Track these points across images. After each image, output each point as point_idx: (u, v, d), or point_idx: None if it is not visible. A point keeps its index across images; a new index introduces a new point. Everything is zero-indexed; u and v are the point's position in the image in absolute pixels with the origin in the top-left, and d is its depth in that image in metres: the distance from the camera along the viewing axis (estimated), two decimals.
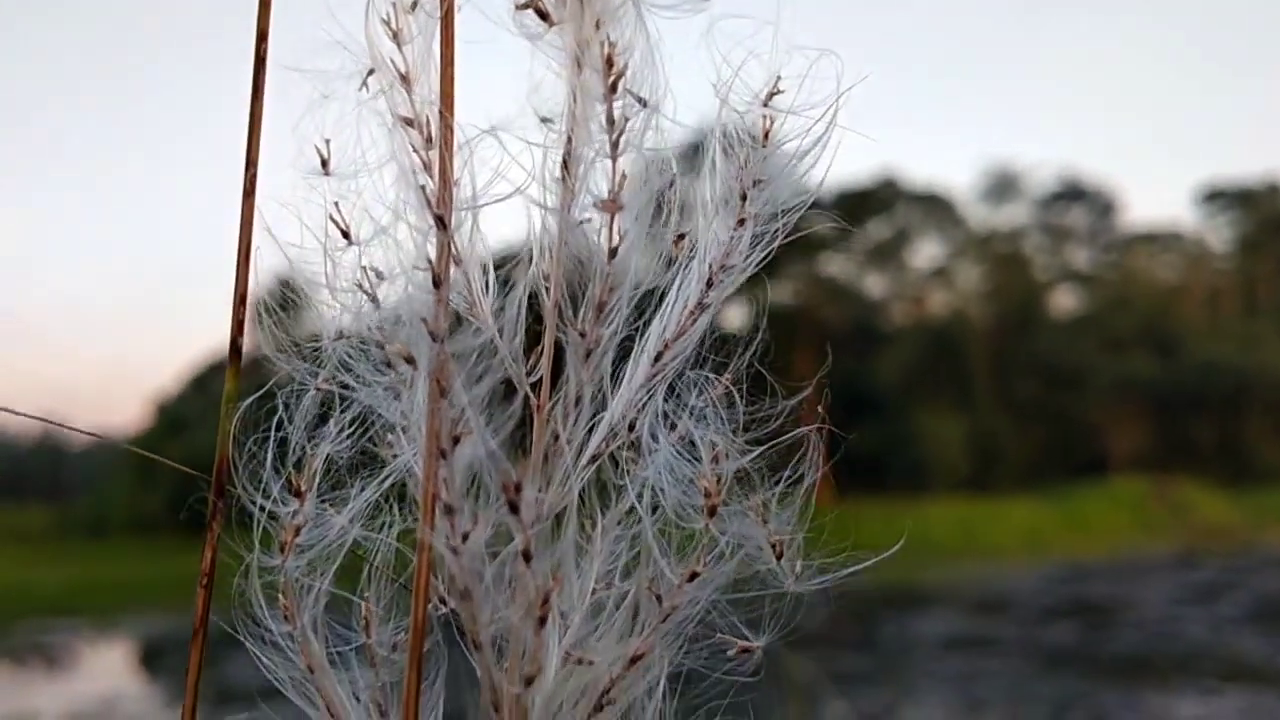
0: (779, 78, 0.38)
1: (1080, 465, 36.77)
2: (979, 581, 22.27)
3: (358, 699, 0.29)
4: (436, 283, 0.25)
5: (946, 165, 74.67)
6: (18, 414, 0.36)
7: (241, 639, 0.31)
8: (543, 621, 0.26)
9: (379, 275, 0.30)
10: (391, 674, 0.31)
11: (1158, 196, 66.80)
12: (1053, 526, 30.19)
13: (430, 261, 0.25)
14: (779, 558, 0.37)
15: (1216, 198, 43.75)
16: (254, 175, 0.29)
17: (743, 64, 0.35)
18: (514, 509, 0.26)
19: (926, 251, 43.74)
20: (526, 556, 0.26)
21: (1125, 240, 43.40)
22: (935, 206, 42.93)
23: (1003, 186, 42.67)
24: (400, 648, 0.31)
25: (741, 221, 0.33)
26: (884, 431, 39.20)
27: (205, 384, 32.61)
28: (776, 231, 0.35)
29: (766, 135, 0.36)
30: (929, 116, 63.24)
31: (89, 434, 0.32)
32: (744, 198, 0.34)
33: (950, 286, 43.54)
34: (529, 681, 0.26)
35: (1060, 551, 26.55)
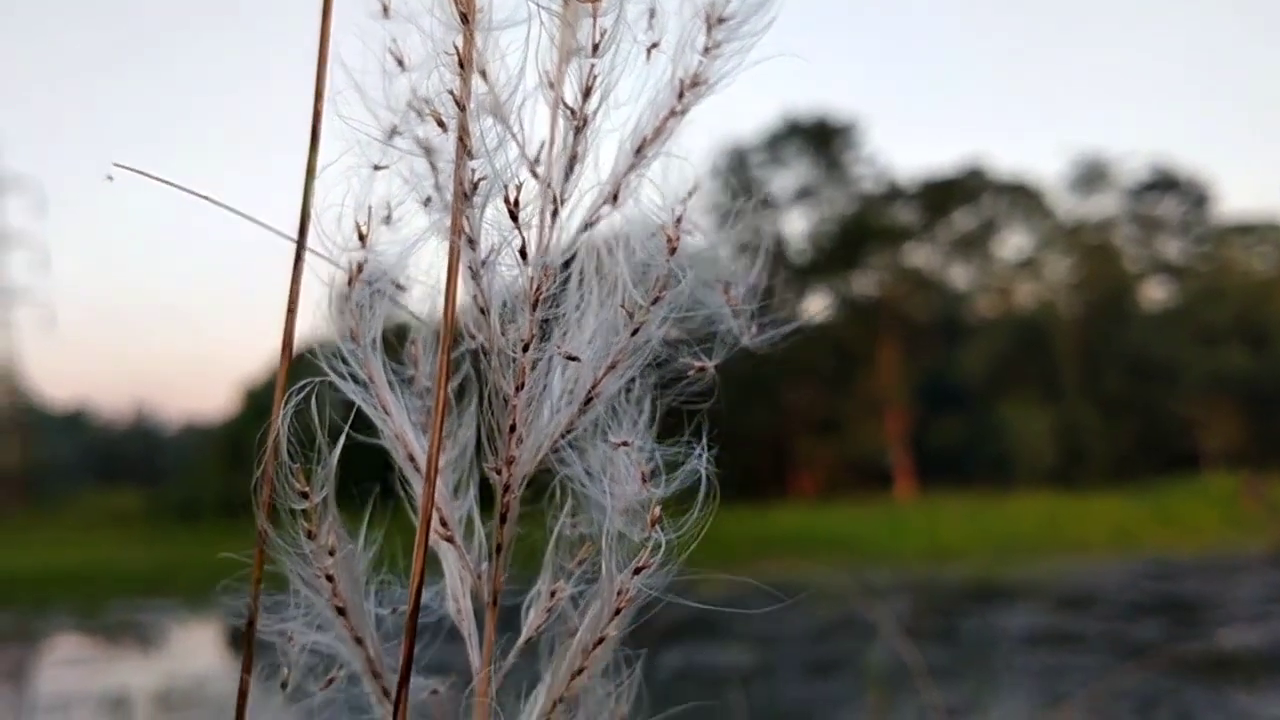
0: None
1: (1170, 460, 35.98)
2: (1064, 577, 21.95)
3: (410, 419, 0.35)
4: (461, 64, 0.30)
5: (1034, 155, 73.38)
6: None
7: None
8: (545, 327, 0.32)
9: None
10: (432, 399, 0.37)
11: (1253, 187, 64.98)
12: (1141, 522, 29.58)
13: (456, 48, 0.30)
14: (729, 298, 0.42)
15: None
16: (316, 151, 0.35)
17: None
18: (524, 254, 0.32)
19: (1013, 242, 43.05)
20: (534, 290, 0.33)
21: (1219, 231, 42.27)
22: (1023, 196, 42.24)
23: (1092, 176, 41.81)
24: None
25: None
26: (969, 425, 38.75)
27: (293, 370, 33.20)
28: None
29: None
30: (1017, 105, 62.23)
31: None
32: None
33: (1038, 278, 42.81)
34: (520, 386, 0.31)
35: (1149, 548, 26.03)
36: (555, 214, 0.36)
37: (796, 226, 45.87)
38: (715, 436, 0.40)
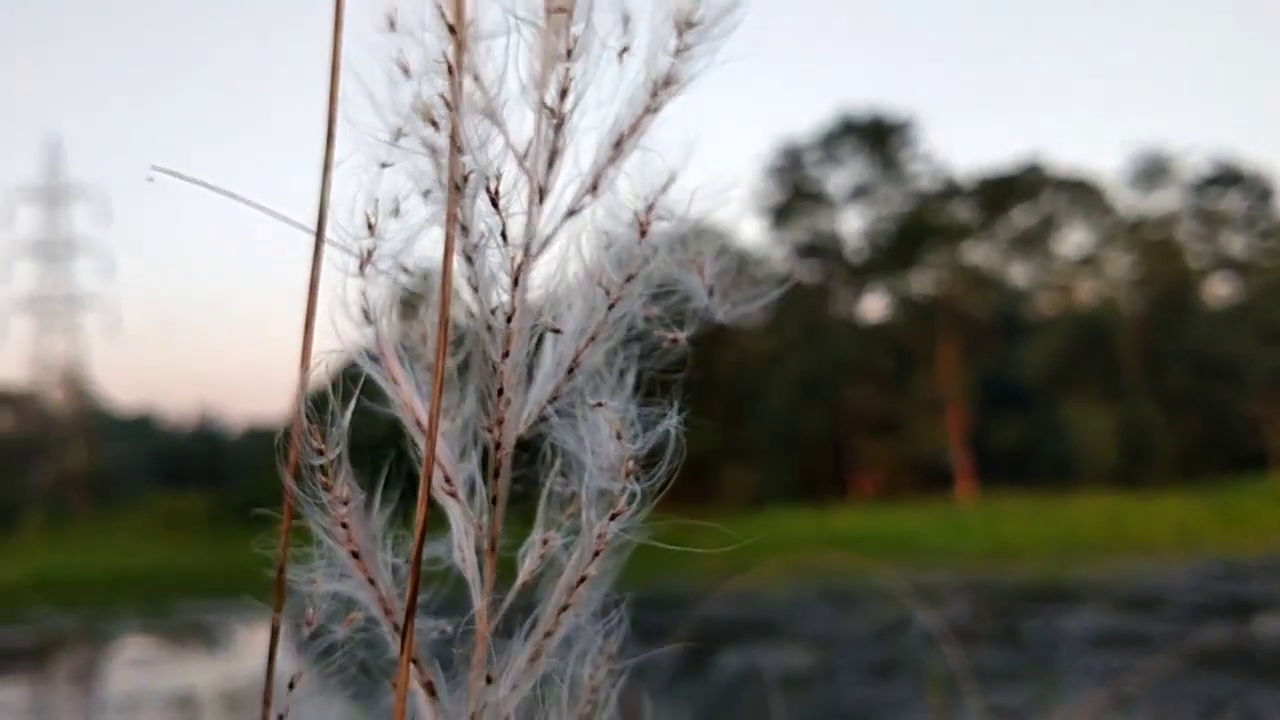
0: None
1: (1236, 459, 35.34)
2: (1128, 577, 21.64)
3: (418, 390, 0.40)
4: (451, 70, 0.36)
5: (1093, 152, 72.48)
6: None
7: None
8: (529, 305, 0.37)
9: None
10: None
11: None
12: (1206, 522, 29.08)
13: (446, 56, 0.36)
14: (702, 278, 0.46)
15: None
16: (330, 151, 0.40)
17: None
18: (505, 237, 0.37)
19: (1074, 239, 42.51)
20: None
21: None
22: (1083, 192, 41.71)
23: (1154, 171, 41.17)
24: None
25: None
26: (1030, 424, 38.35)
27: (352, 373, 33.62)
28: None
29: None
30: (1074, 102, 61.45)
31: None
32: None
33: (1099, 274, 42.23)
34: (505, 354, 0.37)
35: (1214, 548, 25.59)
36: (540, 202, 0.40)
37: (853, 225, 45.68)
38: (687, 400, 0.44)
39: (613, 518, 0.38)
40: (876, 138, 43.15)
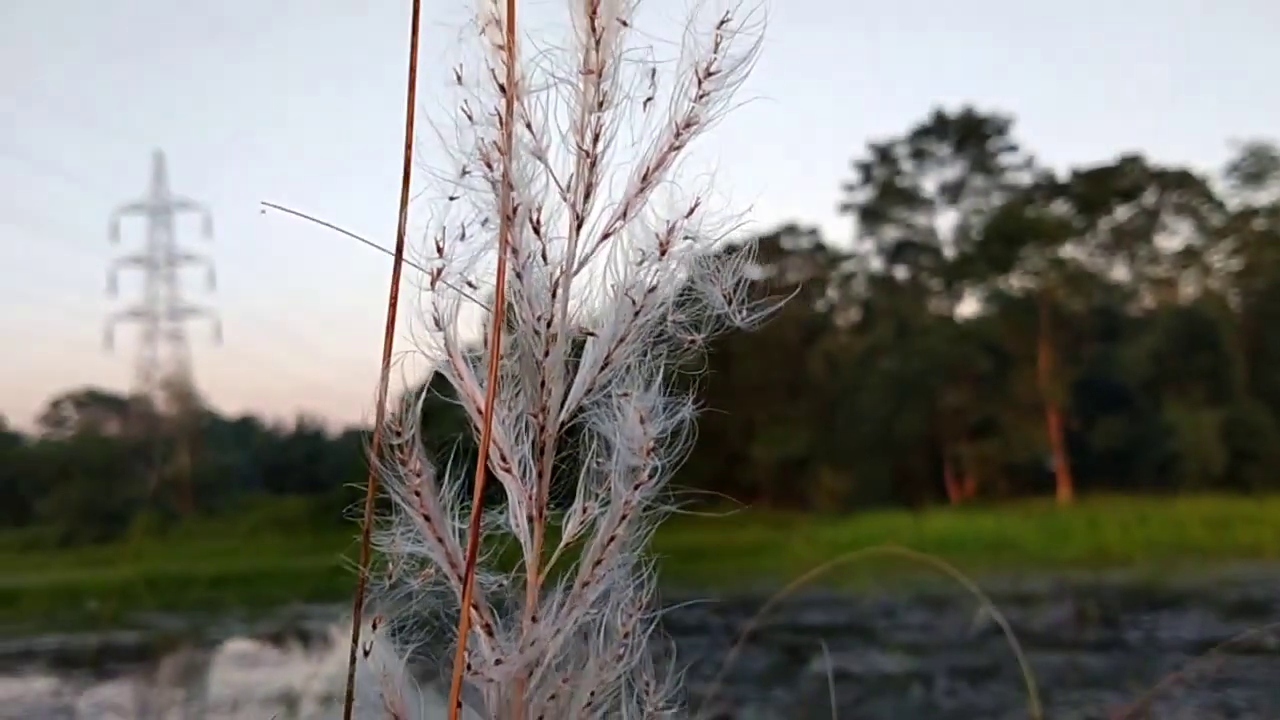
0: None
1: None
2: (1236, 584, 21.05)
3: (479, 384, 0.48)
4: (501, 122, 0.44)
5: (1198, 146, 70.70)
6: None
7: None
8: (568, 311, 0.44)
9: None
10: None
11: None
12: None
13: (498, 110, 0.44)
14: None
15: None
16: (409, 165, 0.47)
17: None
18: (545, 258, 0.45)
19: (1177, 234, 41.48)
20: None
21: None
22: (1186, 186, 40.68)
23: (1259, 166, 40.00)
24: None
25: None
26: (1132, 425, 37.50)
27: (445, 377, 34.11)
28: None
29: None
30: (1178, 96, 60.02)
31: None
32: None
33: (1203, 270, 41.15)
34: (547, 353, 0.45)
35: None
36: (579, 229, 0.48)
37: (947, 223, 45.13)
38: (703, 395, 0.51)
39: (636, 488, 0.45)
40: (971, 134, 42.60)
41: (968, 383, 40.19)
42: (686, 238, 0.48)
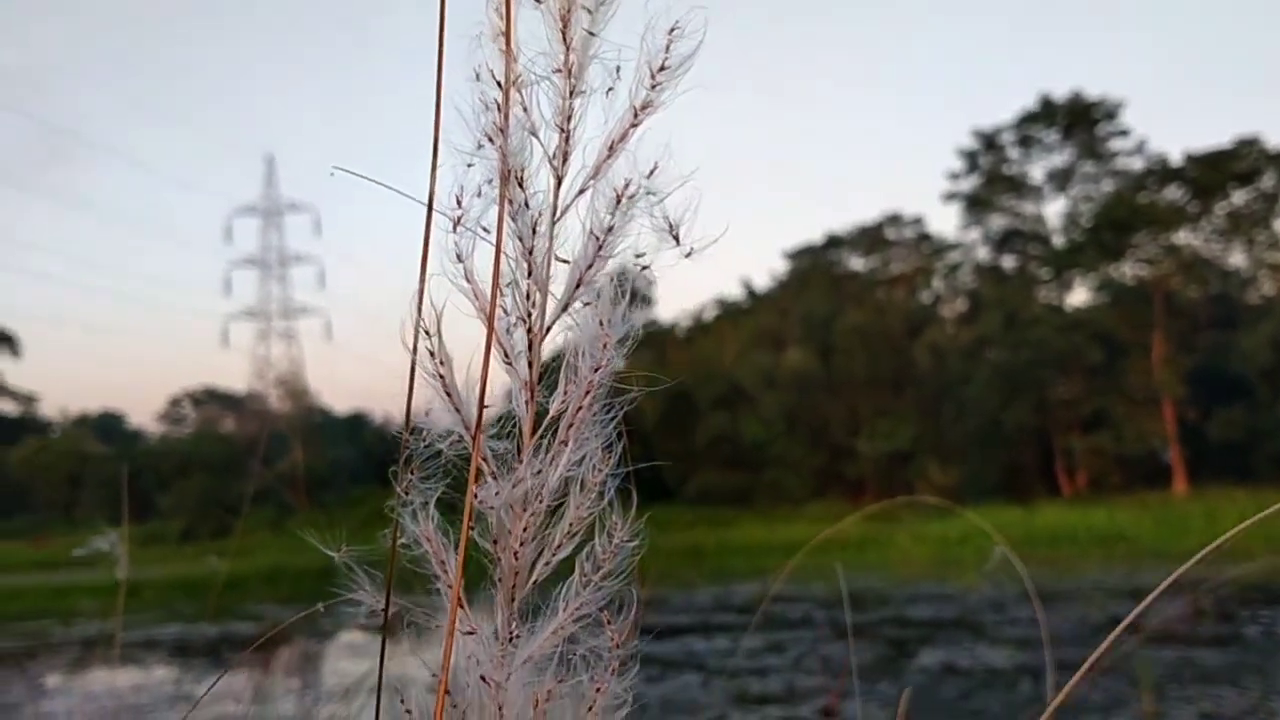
0: None
1: None
2: None
3: None
4: (499, 108, 0.60)
5: None
6: None
7: None
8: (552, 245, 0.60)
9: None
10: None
11: None
12: None
13: (496, 101, 0.61)
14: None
15: None
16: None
17: None
18: (527, 205, 0.60)
19: None
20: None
21: None
22: None
23: None
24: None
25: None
26: (1252, 416, 36.49)
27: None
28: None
29: None
30: None
31: None
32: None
33: None
34: (529, 273, 0.61)
35: None
36: (559, 186, 0.65)
37: (1055, 211, 44.38)
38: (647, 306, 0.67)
39: (596, 370, 0.62)
40: (1079, 120, 41.80)
41: (1079, 374, 39.46)
42: (649, 193, 0.64)
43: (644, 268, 0.65)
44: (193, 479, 45.40)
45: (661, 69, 0.65)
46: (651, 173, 0.64)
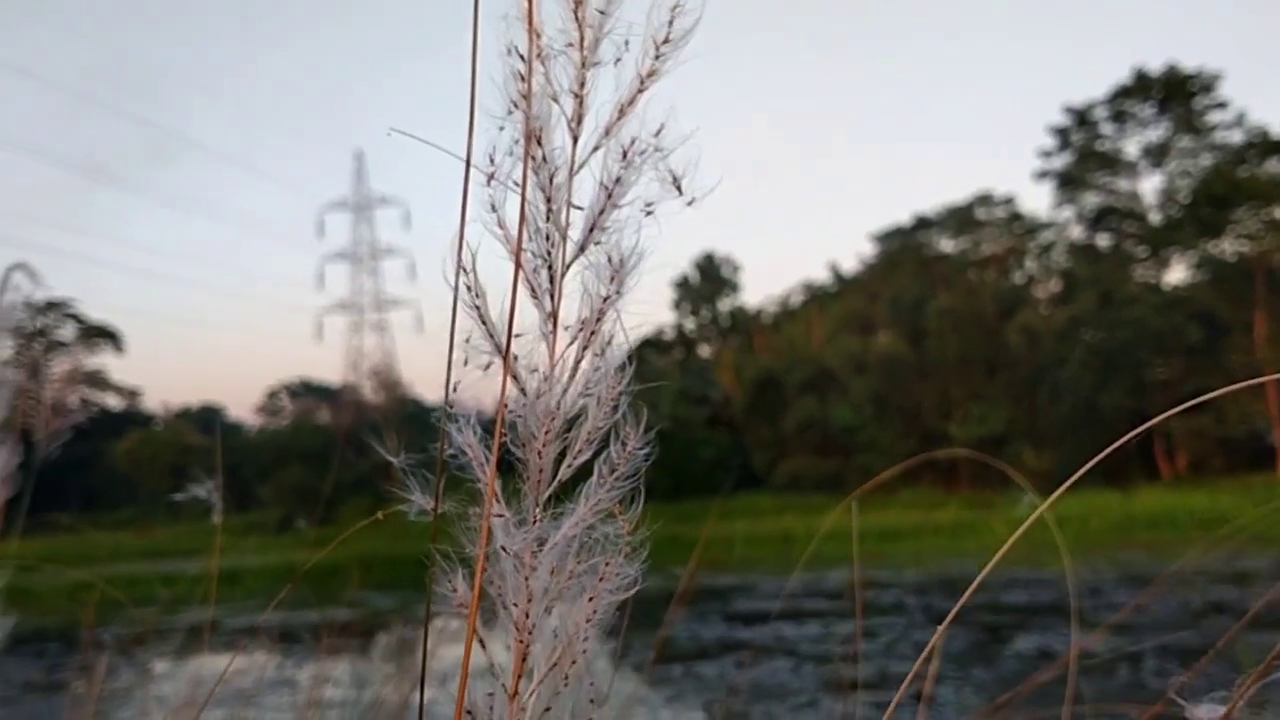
0: None
1: None
2: None
3: None
4: (523, 78, 0.71)
5: None
6: None
7: None
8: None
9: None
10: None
11: None
12: None
13: (520, 73, 0.71)
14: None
15: None
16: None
17: None
18: (545, 159, 0.70)
19: None
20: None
21: None
22: None
23: None
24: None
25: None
26: None
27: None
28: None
29: None
30: None
31: None
32: None
33: None
34: (549, 215, 0.71)
35: None
36: (575, 143, 0.76)
37: (1151, 187, 43.36)
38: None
39: (605, 300, 0.73)
40: (1175, 93, 40.77)
41: (1178, 354, 38.59)
42: (657, 149, 0.75)
43: (650, 213, 0.75)
44: (290, 469, 46.38)
45: (665, 41, 0.75)
46: (658, 132, 0.75)
